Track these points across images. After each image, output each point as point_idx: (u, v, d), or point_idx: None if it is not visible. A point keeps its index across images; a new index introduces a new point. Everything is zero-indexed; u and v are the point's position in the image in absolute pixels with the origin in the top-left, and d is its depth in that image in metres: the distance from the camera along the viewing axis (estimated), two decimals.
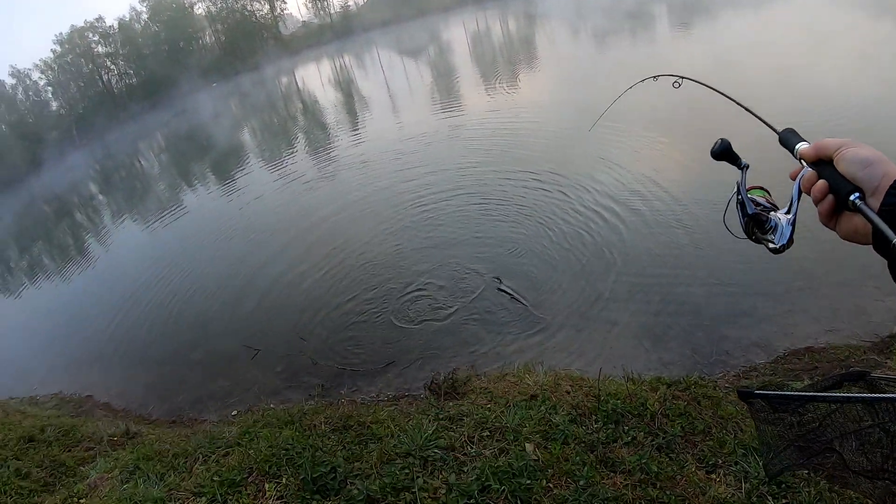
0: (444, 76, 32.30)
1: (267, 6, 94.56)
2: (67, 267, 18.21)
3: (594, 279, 7.79)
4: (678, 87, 2.50)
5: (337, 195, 14.51)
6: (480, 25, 60.98)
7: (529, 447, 3.78)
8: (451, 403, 4.79)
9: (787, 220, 1.22)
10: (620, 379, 4.80)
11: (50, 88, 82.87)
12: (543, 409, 4.27)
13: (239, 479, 4.01)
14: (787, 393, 2.21)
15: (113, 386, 9.03)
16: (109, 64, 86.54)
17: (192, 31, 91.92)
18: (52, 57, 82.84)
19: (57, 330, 12.36)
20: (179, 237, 16.41)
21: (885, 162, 0.98)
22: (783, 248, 1.22)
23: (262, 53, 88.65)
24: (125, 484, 4.42)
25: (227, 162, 26.48)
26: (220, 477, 4.06)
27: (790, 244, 1.21)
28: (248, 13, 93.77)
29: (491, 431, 4.09)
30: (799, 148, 1.15)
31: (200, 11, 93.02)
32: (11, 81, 79.38)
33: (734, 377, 5.33)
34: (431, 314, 8.00)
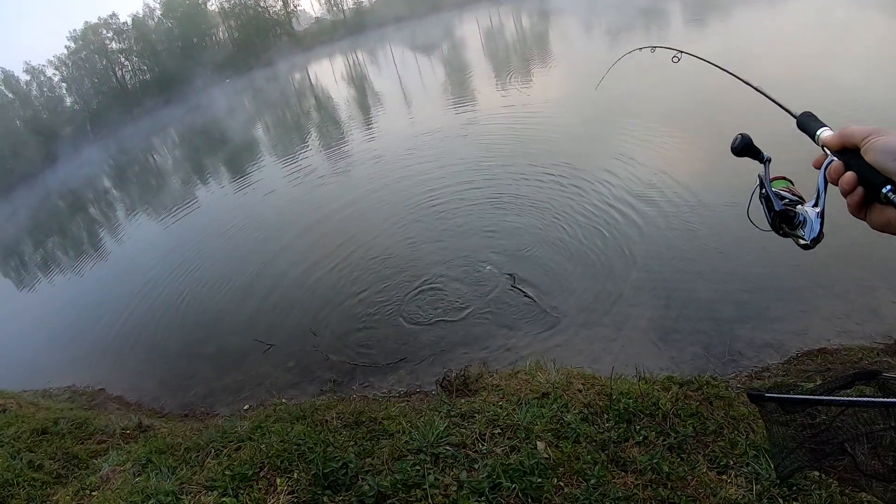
0: (457, 72, 32.24)
1: (280, 2, 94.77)
2: (81, 261, 18.37)
3: (607, 277, 7.76)
4: (677, 61, 2.48)
5: (350, 190, 14.54)
6: (494, 22, 60.78)
7: (541, 445, 3.77)
8: (462, 400, 4.79)
9: (815, 213, 1.18)
10: (633, 378, 4.78)
11: (64, 84, 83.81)
12: (555, 407, 4.26)
13: (250, 473, 4.03)
14: (797, 396, 2.19)
15: (126, 379, 9.09)
16: (123, 60, 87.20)
17: (205, 27, 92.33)
18: (66, 53, 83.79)
19: (70, 323, 12.47)
20: (192, 232, 16.48)
21: None
22: (814, 242, 1.18)
23: (275, 50, 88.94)
24: (137, 477, 4.45)
25: (240, 157, 26.58)
26: (231, 471, 4.08)
27: (821, 238, 1.17)
28: (261, 9, 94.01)
29: (502, 429, 4.09)
30: (821, 135, 1.12)
31: (214, 7, 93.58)
32: (26, 77, 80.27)
33: (746, 377, 5.30)
34: (444, 310, 8.00)
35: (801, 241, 1.20)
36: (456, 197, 11.71)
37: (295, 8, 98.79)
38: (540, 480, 3.44)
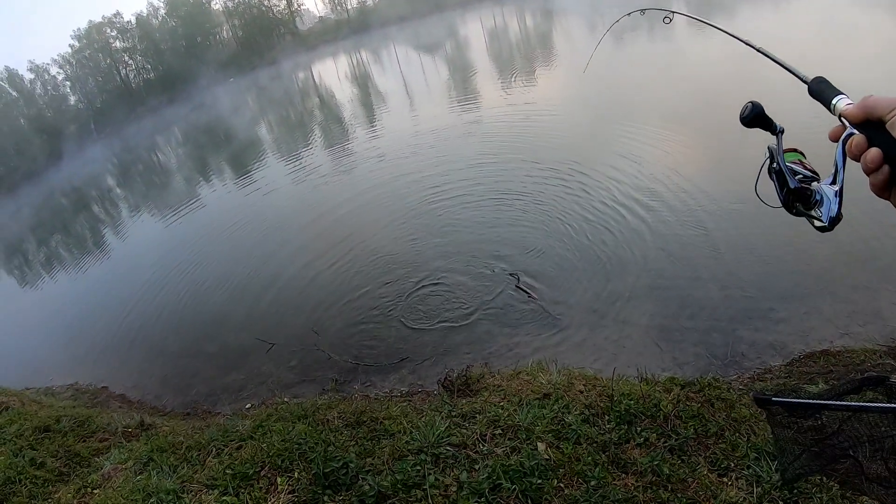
0: (460, 72, 32.23)
1: (284, 2, 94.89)
2: (84, 259, 18.43)
3: (612, 277, 7.74)
4: (668, 22, 2.46)
5: (353, 189, 14.54)
6: (497, 21, 60.73)
7: (541, 446, 3.77)
8: (463, 401, 4.79)
9: (833, 191, 1.08)
10: (634, 379, 4.78)
11: (68, 83, 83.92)
12: (556, 408, 4.25)
13: (251, 472, 4.04)
14: (804, 400, 2.18)
15: (128, 377, 9.11)
16: (127, 59, 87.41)
17: (209, 26, 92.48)
18: (70, 52, 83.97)
19: (73, 321, 12.49)
20: (195, 230, 16.51)
21: None
22: (832, 224, 1.09)
23: (279, 49, 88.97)
24: (139, 475, 4.46)
25: (243, 155, 26.61)
26: (232, 470, 4.09)
27: (839, 219, 1.08)
28: (265, 8, 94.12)
29: (503, 430, 4.09)
30: (838, 104, 1.04)
31: (218, 7, 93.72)
32: (30, 76, 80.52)
33: (749, 379, 5.29)
34: (446, 310, 7.99)
35: (817, 222, 1.12)
36: (459, 195, 11.71)
37: (299, 7, 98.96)
38: (540, 482, 3.44)
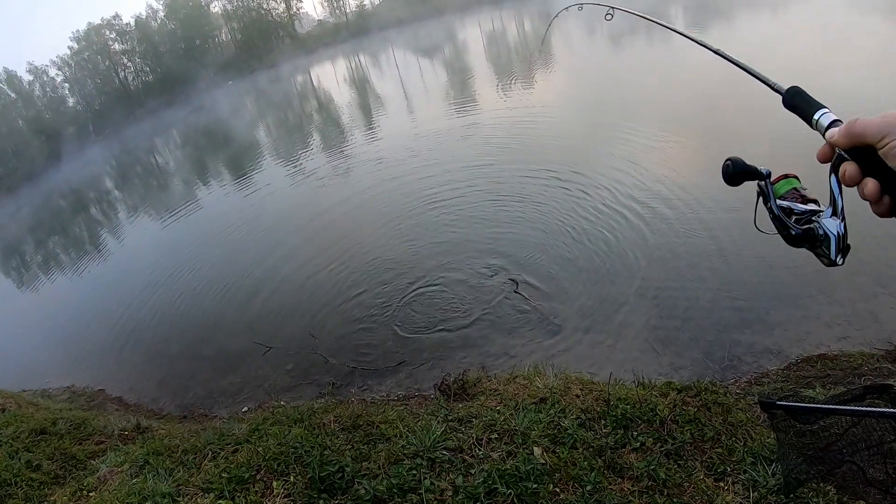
0: (459, 75, 32.29)
1: (283, 5, 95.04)
2: (82, 261, 18.40)
3: (611, 281, 7.75)
4: (610, 18, 2.42)
5: (351, 192, 14.54)
6: (496, 25, 60.86)
7: (537, 451, 3.76)
8: (460, 405, 4.78)
9: (836, 225, 1.03)
10: (631, 383, 4.77)
11: (67, 85, 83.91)
12: (553, 412, 4.24)
13: (247, 476, 4.02)
14: (810, 405, 2.18)
15: (125, 380, 9.10)
16: (126, 61, 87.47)
17: (208, 29, 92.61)
18: (68, 54, 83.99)
19: (70, 323, 12.47)
20: (193, 232, 16.52)
21: None
22: (842, 258, 1.04)
23: (277, 52, 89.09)
24: (135, 478, 4.44)
25: (241, 158, 26.63)
26: (228, 473, 4.08)
27: (848, 250, 1.04)
28: (263, 12, 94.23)
29: (499, 434, 4.08)
30: (821, 120, 1.02)
31: (217, 9, 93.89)
32: (29, 78, 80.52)
33: (746, 383, 5.29)
34: (444, 314, 7.99)
35: (824, 259, 1.07)
36: (458, 197, 11.71)
37: (297, 10, 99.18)
38: (536, 486, 3.43)
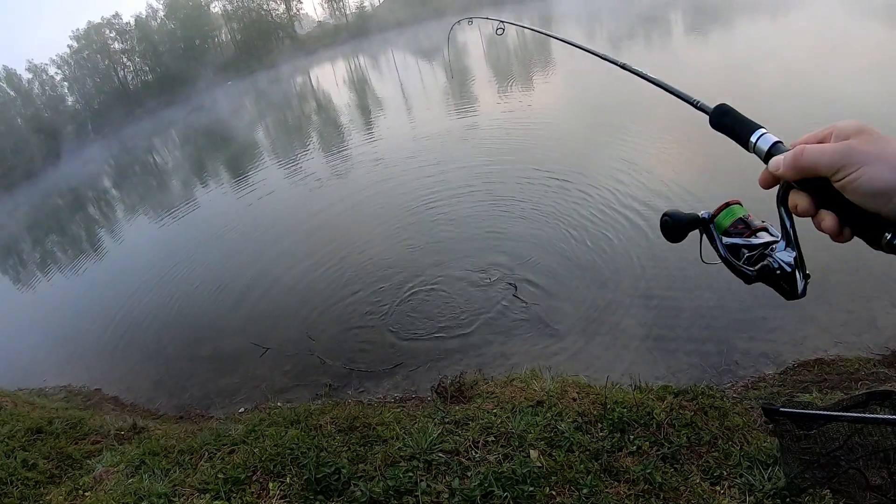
0: (458, 77, 32.31)
1: (283, 6, 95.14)
2: (79, 260, 18.36)
3: (607, 285, 7.75)
4: (501, 33, 2.41)
5: (349, 193, 14.54)
6: (496, 28, 60.84)
7: (534, 454, 3.76)
8: (457, 407, 4.78)
9: (790, 257, 0.93)
10: (628, 387, 4.77)
11: (66, 83, 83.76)
12: (549, 415, 4.25)
13: (243, 476, 4.02)
14: (814, 412, 2.19)
15: (122, 380, 9.08)
16: (125, 60, 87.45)
17: (208, 29, 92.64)
18: (68, 52, 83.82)
19: (67, 322, 12.44)
20: (190, 232, 16.50)
21: None
22: (803, 290, 0.94)
23: (277, 52, 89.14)
24: (130, 478, 4.43)
25: (240, 159, 26.62)
26: (224, 474, 4.07)
27: (808, 279, 0.94)
28: (263, 12, 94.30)
29: (496, 437, 4.08)
30: (759, 144, 0.91)
31: (217, 10, 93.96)
32: (28, 76, 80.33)
33: (742, 387, 5.29)
34: (441, 317, 7.98)
35: (785, 294, 0.97)
36: (456, 199, 11.72)
37: (297, 11, 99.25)
38: (532, 489, 3.43)
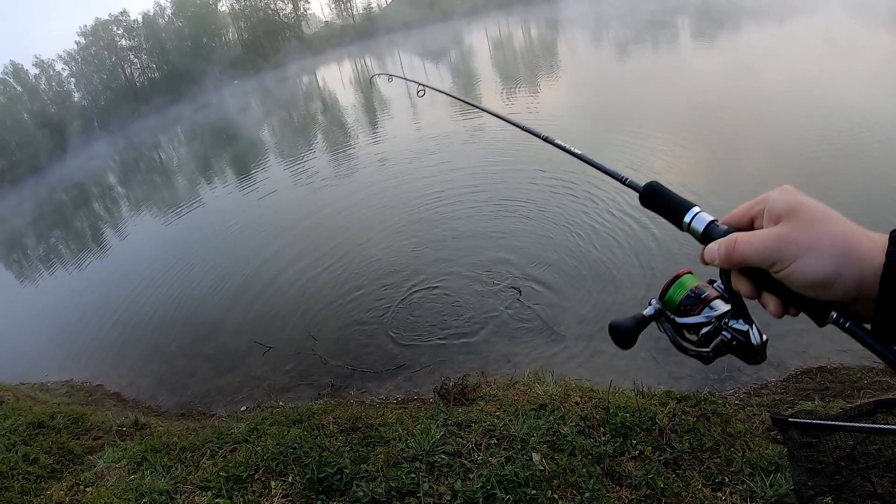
0: (464, 79, 32.34)
1: (290, 5, 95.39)
2: (83, 255, 18.41)
3: (611, 288, 7.74)
4: (422, 95, 2.26)
5: (353, 193, 14.55)
6: (502, 31, 60.99)
7: (536, 457, 3.76)
8: (459, 409, 4.78)
9: (745, 326, 0.93)
10: (631, 392, 4.77)
11: (73, 79, 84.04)
12: (552, 419, 4.25)
13: (245, 475, 4.03)
14: (824, 422, 2.19)
15: (124, 376, 9.09)
16: (132, 57, 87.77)
17: (215, 27, 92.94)
18: (75, 48, 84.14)
19: (70, 318, 12.45)
20: (195, 229, 16.52)
21: (848, 258, 0.70)
22: (763, 352, 0.92)
23: (284, 52, 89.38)
24: (132, 475, 4.45)
25: (245, 157, 26.65)
26: (226, 472, 4.08)
27: (766, 343, 0.92)
28: (271, 12, 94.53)
29: (498, 439, 4.08)
30: (693, 225, 0.90)
31: (224, 9, 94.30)
32: (35, 71, 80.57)
33: (745, 394, 5.28)
34: (444, 319, 7.97)
35: (747, 361, 0.95)
36: (461, 201, 11.71)
37: (305, 11, 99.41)
38: (534, 492, 3.43)
